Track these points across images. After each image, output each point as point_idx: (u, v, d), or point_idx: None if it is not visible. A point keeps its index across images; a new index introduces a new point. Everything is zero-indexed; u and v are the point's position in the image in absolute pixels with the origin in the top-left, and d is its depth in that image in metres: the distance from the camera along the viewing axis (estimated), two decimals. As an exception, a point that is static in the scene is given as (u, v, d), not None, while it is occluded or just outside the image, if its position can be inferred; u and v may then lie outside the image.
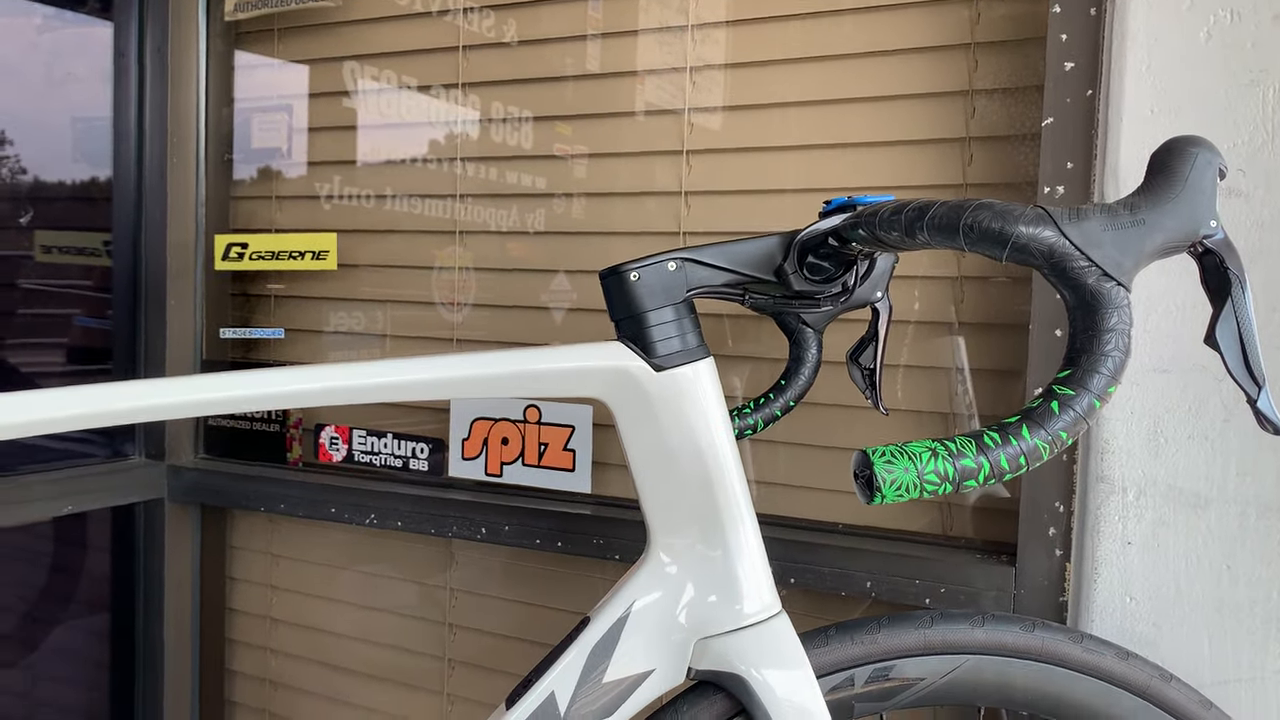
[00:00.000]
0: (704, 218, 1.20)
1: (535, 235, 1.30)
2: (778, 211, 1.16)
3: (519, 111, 1.31)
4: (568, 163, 1.28)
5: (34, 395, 0.71)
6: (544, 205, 1.29)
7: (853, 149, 1.12)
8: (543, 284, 1.29)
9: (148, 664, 1.47)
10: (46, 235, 1.47)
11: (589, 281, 1.26)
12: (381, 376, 0.76)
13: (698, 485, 0.76)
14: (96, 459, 1.43)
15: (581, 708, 0.76)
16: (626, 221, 1.24)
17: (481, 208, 1.33)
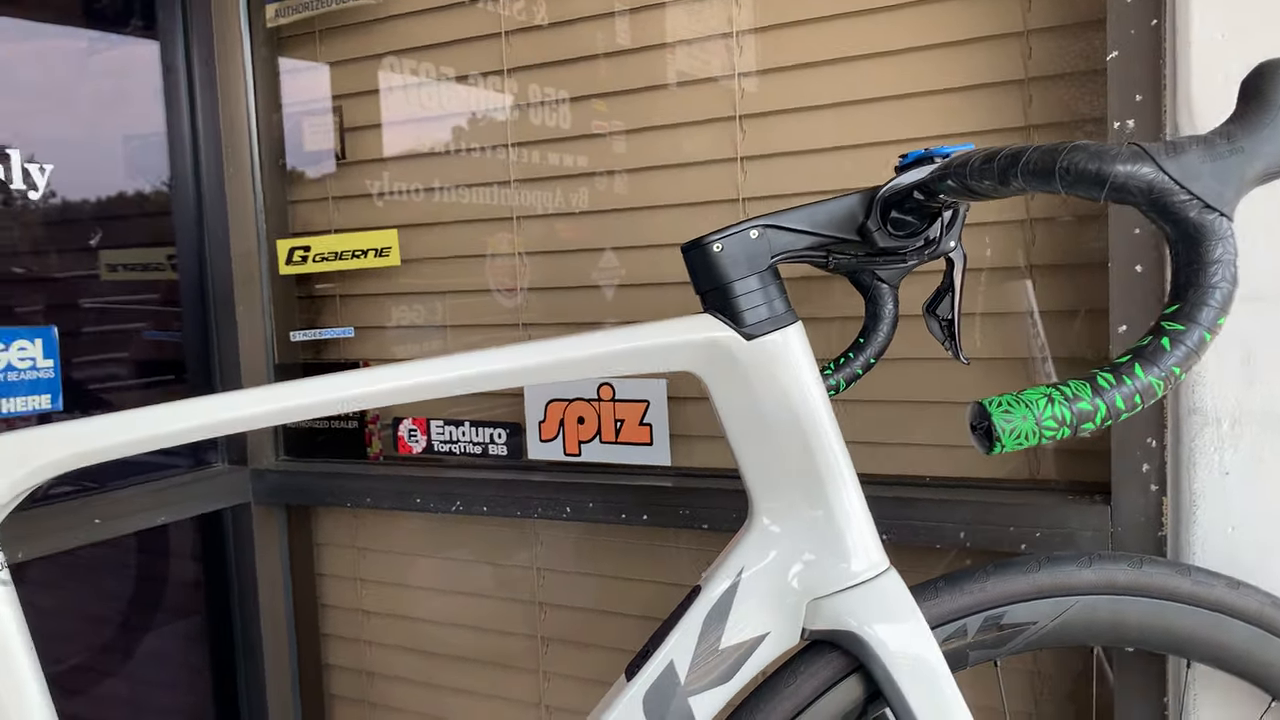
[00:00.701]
0: (762, 183, 1.20)
1: (591, 215, 1.30)
2: (838, 170, 1.15)
3: (565, 93, 1.31)
4: (619, 140, 1.28)
5: (159, 410, 0.73)
6: (597, 184, 1.29)
7: (910, 99, 1.11)
8: (612, 262, 1.30)
9: (249, 664, 1.51)
10: (111, 254, 1.50)
11: (652, 257, 1.27)
12: (473, 368, 0.78)
13: (797, 449, 0.77)
14: (182, 469, 1.47)
15: (700, 674, 0.77)
16: (683, 193, 1.24)
17: (536, 192, 1.34)
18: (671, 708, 0.77)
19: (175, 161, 1.48)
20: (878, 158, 1.13)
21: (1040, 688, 1.11)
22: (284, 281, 1.52)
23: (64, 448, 0.74)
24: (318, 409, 0.75)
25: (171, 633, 1.54)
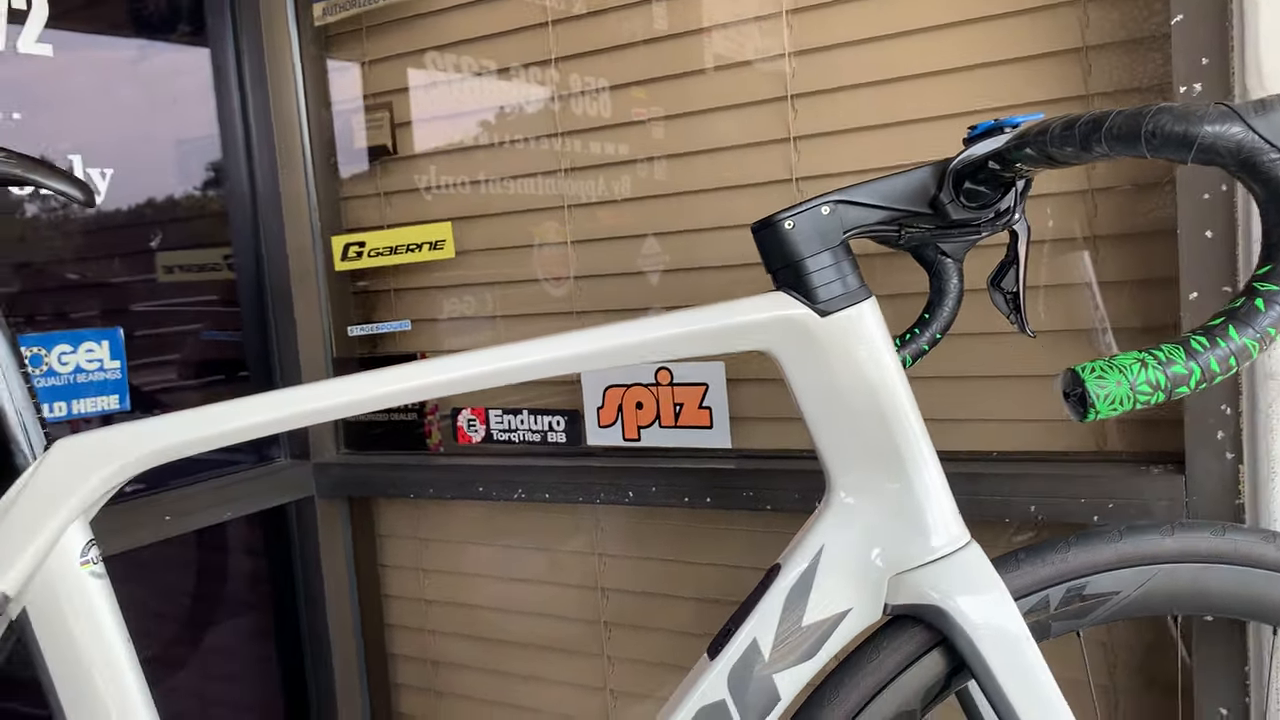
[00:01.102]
0: (815, 162, 1.19)
1: (641, 201, 1.31)
2: (893, 147, 1.15)
3: (612, 80, 1.31)
4: (668, 125, 1.28)
5: (245, 403, 0.75)
6: (647, 170, 1.30)
7: (965, 73, 1.11)
8: (664, 247, 1.30)
9: (315, 655, 1.53)
10: (169, 255, 1.52)
11: (706, 240, 1.27)
12: (543, 354, 0.78)
13: (875, 425, 0.77)
14: (246, 465, 1.49)
15: (784, 652, 0.78)
16: (736, 176, 1.24)
17: (586, 180, 1.34)
18: (756, 685, 0.78)
19: (229, 162, 1.50)
20: (933, 133, 1.13)
21: (1114, 660, 1.11)
22: (339, 277, 1.53)
23: (154, 442, 0.76)
24: (410, 394, 0.76)
25: (239, 627, 1.57)
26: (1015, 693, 0.75)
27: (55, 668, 0.75)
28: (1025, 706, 0.75)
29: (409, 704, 1.61)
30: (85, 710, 0.76)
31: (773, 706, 0.78)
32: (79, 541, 0.76)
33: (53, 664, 0.75)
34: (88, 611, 0.76)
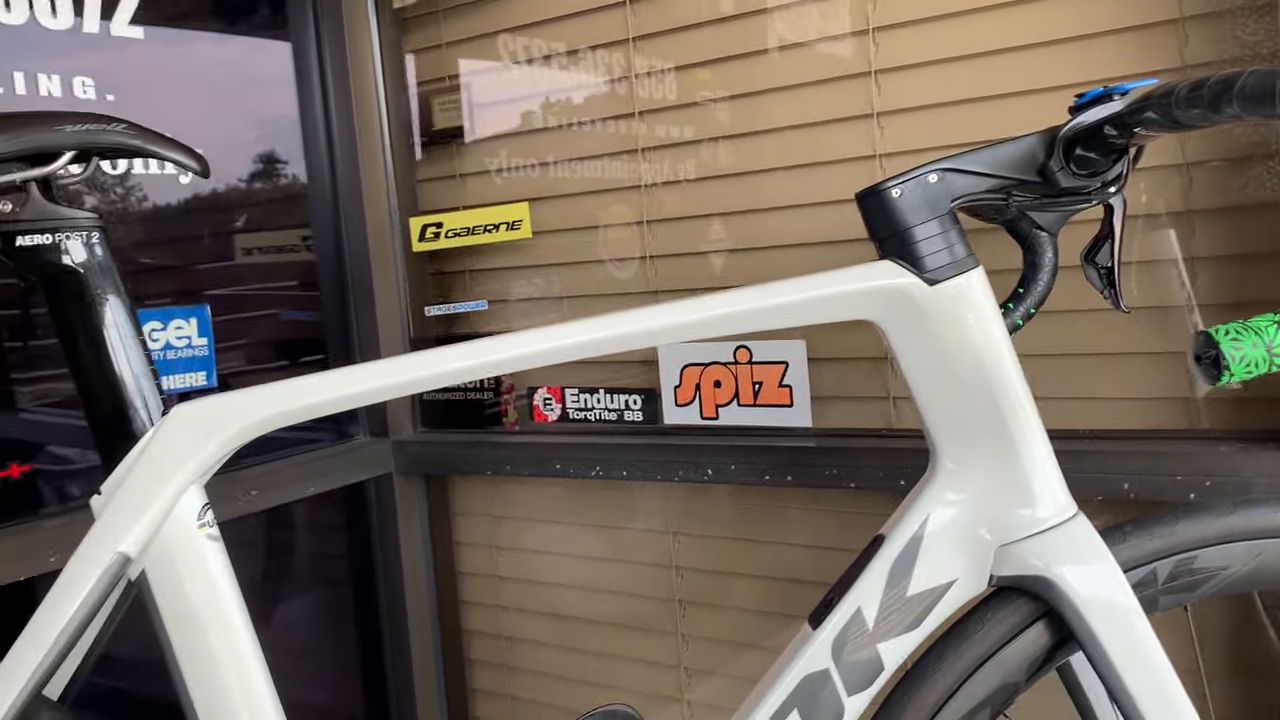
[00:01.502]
0: (900, 139, 1.18)
1: (720, 179, 1.30)
2: (980, 122, 1.13)
3: (691, 58, 1.31)
4: (748, 102, 1.28)
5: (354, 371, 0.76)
6: (725, 148, 1.29)
7: (1056, 46, 1.09)
8: (739, 226, 1.30)
9: (393, 631, 1.56)
10: (249, 237, 1.55)
11: (784, 219, 1.26)
12: (643, 324, 0.79)
13: (982, 395, 0.77)
14: (326, 442, 1.52)
15: (888, 621, 0.78)
16: (817, 153, 1.23)
17: (663, 160, 1.34)
18: (859, 655, 0.78)
19: (309, 144, 1.52)
20: (1024, 108, 1.11)
21: (1203, 638, 1.09)
22: (416, 259, 1.55)
23: (270, 407, 0.77)
24: (524, 361, 0.77)
25: (318, 601, 1.60)
26: (1126, 666, 0.74)
27: (172, 628, 0.77)
28: (1136, 680, 0.74)
29: (482, 679, 1.63)
30: (200, 670, 0.78)
31: (876, 676, 0.78)
32: (195, 505, 0.78)
33: (169, 624, 0.77)
34: (204, 574, 0.78)
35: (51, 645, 0.75)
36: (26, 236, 0.76)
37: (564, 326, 0.79)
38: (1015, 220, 0.97)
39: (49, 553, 1.14)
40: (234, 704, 0.77)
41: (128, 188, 1.35)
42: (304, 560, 1.58)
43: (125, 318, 0.78)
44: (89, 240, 0.77)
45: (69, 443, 1.28)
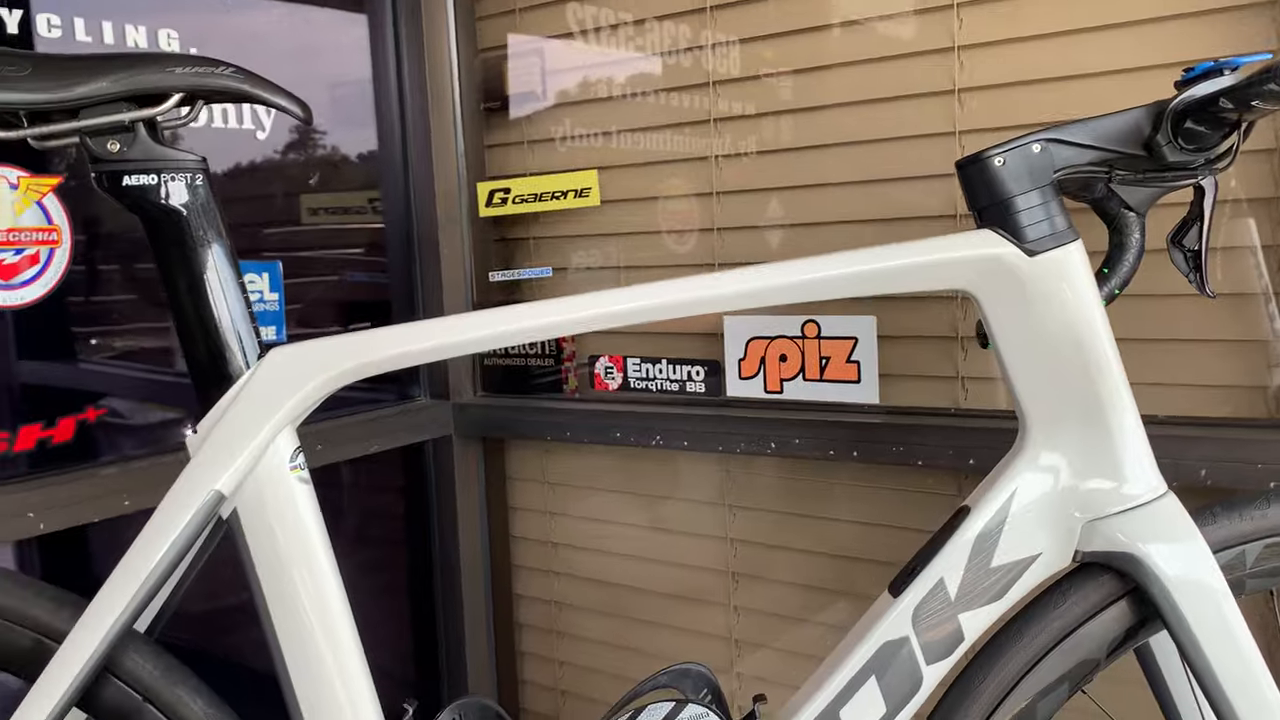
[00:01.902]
0: (981, 116, 1.17)
1: (793, 152, 1.30)
2: (1067, 101, 1.12)
3: (769, 29, 1.30)
4: (825, 76, 1.27)
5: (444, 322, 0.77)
6: (800, 121, 1.29)
7: (1145, 25, 1.07)
8: (810, 200, 1.29)
9: (447, 589, 1.58)
10: (319, 198, 1.56)
11: (862, 193, 1.26)
12: (733, 286, 0.79)
13: (1077, 369, 0.76)
14: (389, 403, 1.53)
15: (971, 592, 0.78)
16: (896, 128, 1.22)
17: (735, 131, 1.34)
18: (940, 624, 0.78)
19: (381, 107, 1.53)
20: (1111, 87, 1.10)
21: (1270, 634, 1.08)
22: (482, 224, 1.56)
23: (365, 354, 0.78)
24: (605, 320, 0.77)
25: (375, 558, 1.61)
26: (1212, 647, 0.74)
27: (261, 567, 0.79)
28: (1222, 662, 0.74)
29: (531, 643, 1.64)
30: (286, 610, 0.79)
31: (956, 645, 0.78)
32: (288, 447, 0.79)
33: (259, 563, 0.79)
34: (294, 515, 0.79)
35: (145, 579, 0.76)
36: (133, 176, 0.77)
37: (646, 288, 0.80)
38: (1104, 199, 0.96)
39: (124, 496, 1.17)
40: (318, 643, 0.79)
41: (207, 142, 1.37)
42: (363, 517, 1.60)
43: (226, 261, 0.79)
44: (193, 182, 0.78)
45: (145, 392, 1.30)
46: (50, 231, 1.15)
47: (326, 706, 0.79)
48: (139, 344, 1.30)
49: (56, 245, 1.15)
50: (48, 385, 1.22)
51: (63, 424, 1.17)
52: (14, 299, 1.12)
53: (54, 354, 1.23)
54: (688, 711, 0.78)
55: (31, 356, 1.20)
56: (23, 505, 1.09)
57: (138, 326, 1.31)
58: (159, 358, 1.31)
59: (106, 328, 1.27)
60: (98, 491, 1.15)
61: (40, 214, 1.14)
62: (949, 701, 0.79)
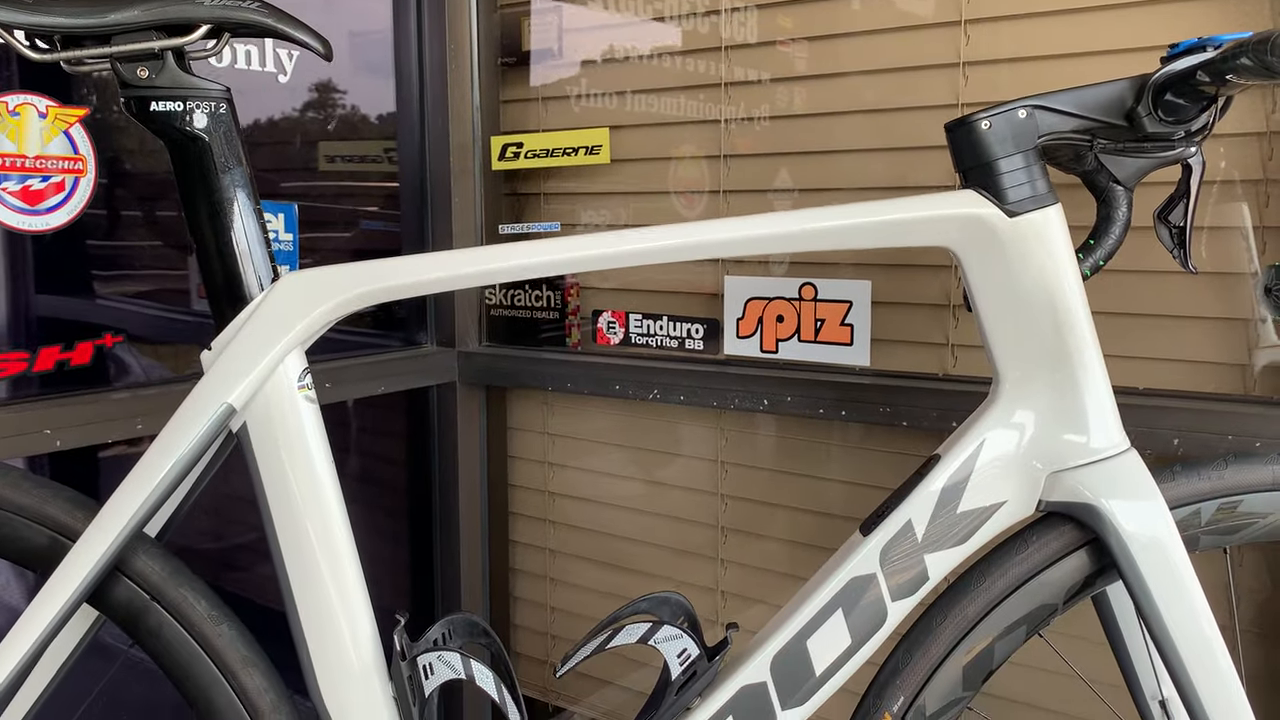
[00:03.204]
0: (985, 90, 1.20)
1: (801, 119, 1.33)
2: (1069, 78, 1.14)
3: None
4: (835, 43, 1.30)
5: (458, 254, 0.81)
6: (809, 88, 1.32)
7: (1147, 7, 1.10)
8: (816, 167, 1.33)
9: (445, 530, 1.62)
10: (331, 145, 1.60)
11: (865, 161, 1.29)
12: (726, 233, 0.83)
13: (1049, 328, 0.80)
14: (396, 347, 1.58)
15: (936, 535, 0.82)
16: (897, 99, 1.25)
17: (748, 97, 1.37)
18: (906, 563, 0.82)
19: (400, 58, 1.56)
20: (1111, 66, 1.12)
21: (1237, 591, 1.11)
22: (494, 178, 1.59)
23: (374, 282, 0.82)
24: (618, 259, 0.81)
25: (375, 496, 1.66)
26: (1163, 597, 0.78)
27: (267, 481, 0.83)
28: (1172, 611, 0.78)
29: (524, 589, 1.69)
30: (290, 522, 0.83)
31: (920, 584, 0.82)
32: (297, 368, 0.83)
33: (265, 477, 0.83)
34: (300, 431, 0.83)
35: (157, 484, 0.81)
36: (160, 103, 0.81)
37: (645, 230, 0.83)
38: (1094, 172, 0.99)
39: (136, 420, 1.21)
40: (318, 555, 0.83)
41: (230, 81, 1.40)
42: (366, 457, 1.65)
43: (245, 188, 0.83)
44: (217, 110, 0.82)
45: (160, 323, 1.34)
46: (76, 161, 1.19)
47: (324, 615, 0.83)
48: (157, 276, 1.35)
49: (81, 175, 1.19)
50: (67, 310, 1.27)
51: (80, 348, 1.22)
52: (39, 224, 1.16)
53: (74, 280, 1.27)
54: (663, 632, 0.82)
55: (53, 282, 1.24)
56: (41, 422, 1.14)
57: (157, 259, 1.35)
58: (175, 290, 1.36)
59: (127, 258, 1.32)
60: (112, 414, 1.20)
61: (67, 143, 1.18)
62: (912, 637, 0.83)
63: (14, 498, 0.83)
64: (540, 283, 1.56)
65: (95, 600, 0.83)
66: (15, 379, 1.16)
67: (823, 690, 0.83)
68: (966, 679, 0.83)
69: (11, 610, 1.38)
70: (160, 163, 1.33)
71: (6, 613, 1.38)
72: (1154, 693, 0.89)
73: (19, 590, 1.42)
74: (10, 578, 1.44)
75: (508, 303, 1.60)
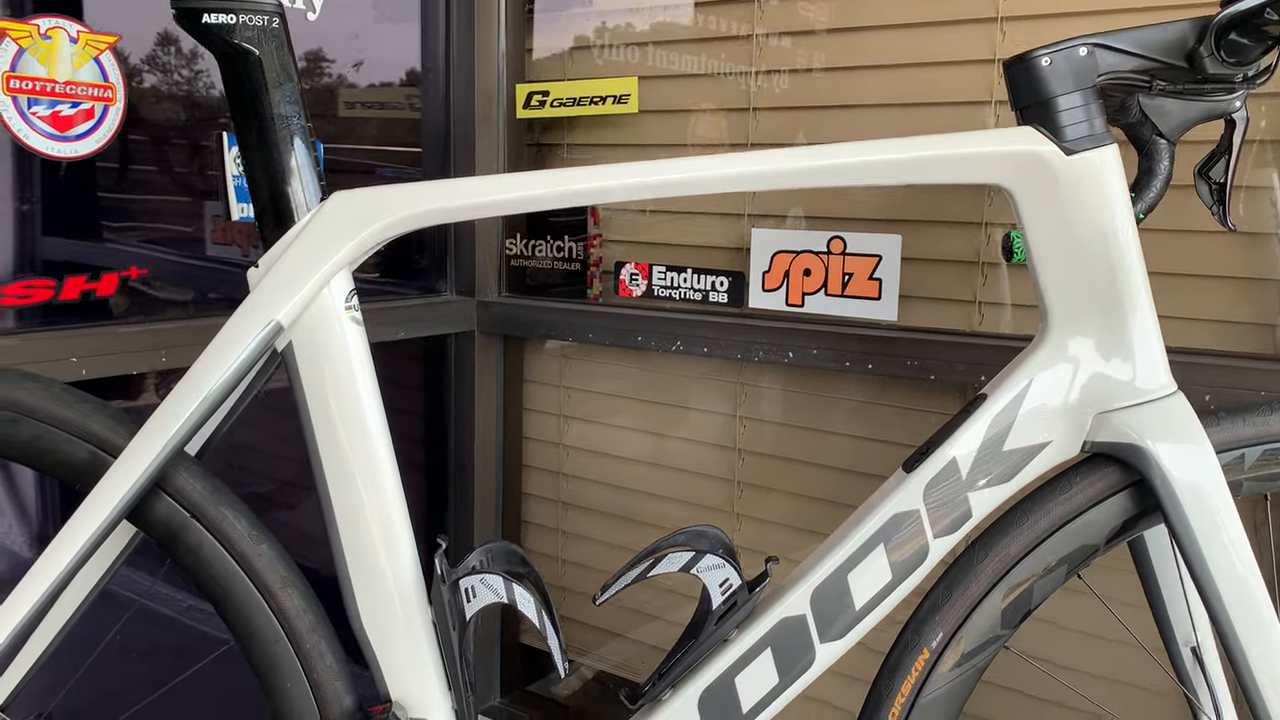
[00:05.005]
0: (1024, 45, 1.19)
1: (836, 72, 1.32)
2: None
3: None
4: None
5: (508, 178, 0.80)
6: (841, 41, 1.31)
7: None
8: (848, 120, 1.32)
9: (459, 479, 1.62)
10: (353, 93, 1.58)
11: (897, 116, 1.28)
12: (774, 165, 0.83)
13: (1102, 268, 0.80)
14: (415, 294, 1.57)
15: (980, 473, 0.82)
16: (935, 53, 1.25)
17: (780, 48, 1.36)
18: (950, 500, 0.82)
19: (426, 3, 1.55)
20: (1155, 20, 1.12)
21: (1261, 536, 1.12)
22: (517, 127, 1.58)
23: (420, 204, 0.82)
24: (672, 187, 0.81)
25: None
26: (1206, 540, 0.78)
27: (312, 402, 0.83)
28: (1215, 555, 0.78)
29: (536, 541, 1.70)
30: (333, 441, 0.83)
31: (963, 522, 0.83)
32: (344, 288, 0.83)
33: (310, 396, 0.83)
34: (345, 353, 0.83)
35: (201, 401, 0.80)
36: (211, 15, 0.79)
37: (699, 160, 0.83)
38: (1137, 124, 0.99)
39: (160, 353, 1.20)
40: (358, 473, 0.83)
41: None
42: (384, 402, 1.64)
43: (295, 104, 0.82)
44: (268, 25, 0.81)
45: (186, 256, 1.33)
46: (106, 89, 1.17)
47: (364, 536, 0.83)
48: (184, 209, 1.34)
49: (111, 103, 1.18)
50: (94, 239, 1.26)
51: (106, 278, 1.21)
52: (68, 151, 1.15)
53: (102, 210, 1.26)
54: (706, 561, 0.82)
55: (80, 210, 1.23)
56: (67, 350, 1.13)
57: (185, 193, 1.34)
58: (200, 223, 1.35)
59: (154, 190, 1.30)
60: (136, 346, 1.19)
61: (97, 70, 1.16)
62: (952, 574, 0.84)
63: (56, 411, 0.82)
64: (562, 234, 1.56)
65: (134, 517, 0.83)
66: (43, 306, 1.15)
67: (861, 624, 0.84)
68: (1005, 618, 0.83)
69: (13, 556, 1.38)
70: (190, 96, 1.32)
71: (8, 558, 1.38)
72: (1187, 639, 0.90)
73: (22, 536, 1.41)
74: (13, 523, 1.44)
75: (528, 253, 1.59)
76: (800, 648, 0.83)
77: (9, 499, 1.42)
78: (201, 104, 1.33)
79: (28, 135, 1.11)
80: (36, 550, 1.32)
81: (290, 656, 0.83)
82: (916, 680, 0.83)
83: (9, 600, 0.80)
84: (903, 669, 0.83)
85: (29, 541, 1.41)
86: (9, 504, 1.42)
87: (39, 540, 1.40)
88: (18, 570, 0.80)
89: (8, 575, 1.28)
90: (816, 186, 0.83)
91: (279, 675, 0.83)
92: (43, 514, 1.43)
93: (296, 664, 0.83)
